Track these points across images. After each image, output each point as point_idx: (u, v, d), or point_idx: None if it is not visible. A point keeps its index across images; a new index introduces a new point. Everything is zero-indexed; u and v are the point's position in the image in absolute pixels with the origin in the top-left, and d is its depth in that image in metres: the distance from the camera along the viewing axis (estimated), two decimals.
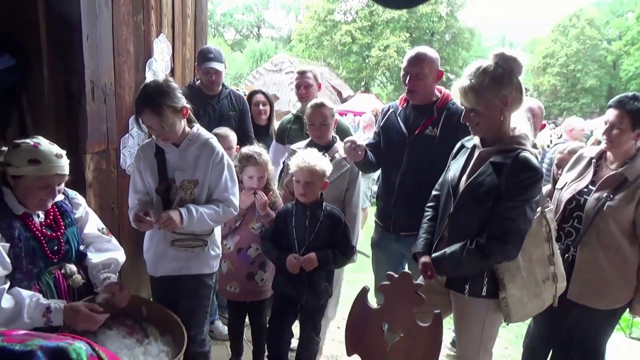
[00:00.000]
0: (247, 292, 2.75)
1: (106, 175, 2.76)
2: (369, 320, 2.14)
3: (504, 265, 1.99)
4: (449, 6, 33.83)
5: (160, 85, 2.18)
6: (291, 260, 2.45)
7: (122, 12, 2.74)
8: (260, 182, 2.72)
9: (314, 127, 2.88)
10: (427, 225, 2.28)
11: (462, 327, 2.19)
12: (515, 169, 1.89)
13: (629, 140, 2.32)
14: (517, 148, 1.93)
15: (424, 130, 2.64)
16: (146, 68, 3.08)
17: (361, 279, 4.44)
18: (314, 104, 2.90)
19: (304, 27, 34.60)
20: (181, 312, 2.23)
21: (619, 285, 2.37)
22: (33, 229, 1.84)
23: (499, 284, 2.01)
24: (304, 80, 3.46)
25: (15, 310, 1.68)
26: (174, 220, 2.13)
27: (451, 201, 2.09)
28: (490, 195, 1.92)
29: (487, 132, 2.02)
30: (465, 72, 1.98)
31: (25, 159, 1.76)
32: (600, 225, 2.33)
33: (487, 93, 1.92)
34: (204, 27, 3.92)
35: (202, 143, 2.31)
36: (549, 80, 35.37)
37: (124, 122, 2.87)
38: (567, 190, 2.53)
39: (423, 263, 2.13)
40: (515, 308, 2.02)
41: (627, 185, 2.31)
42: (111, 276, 2.02)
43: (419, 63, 2.59)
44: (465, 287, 2.07)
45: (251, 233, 2.73)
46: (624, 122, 2.29)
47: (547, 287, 2.12)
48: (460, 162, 2.14)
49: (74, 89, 2.48)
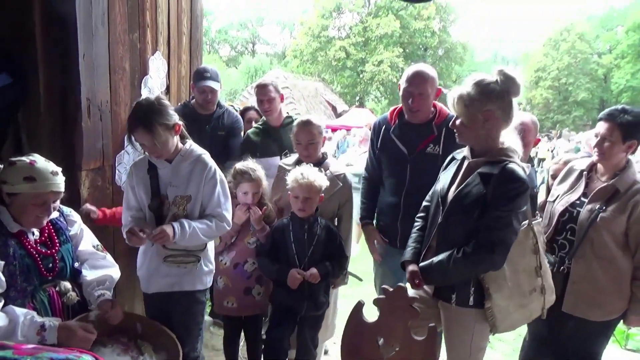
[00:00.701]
0: (244, 307, 2.74)
1: (101, 191, 2.77)
2: (365, 334, 2.14)
3: (491, 275, 2.01)
4: (442, 21, 34.32)
5: (152, 103, 2.20)
6: (294, 275, 2.47)
7: (118, 31, 2.77)
8: (255, 198, 2.71)
9: (301, 146, 2.78)
10: (416, 235, 2.30)
11: (451, 337, 2.19)
12: (501, 180, 1.92)
13: (619, 153, 2.35)
14: (504, 160, 1.96)
15: (425, 148, 2.63)
16: (142, 85, 3.10)
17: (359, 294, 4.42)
18: (301, 122, 2.80)
19: (299, 43, 34.91)
20: (175, 328, 2.22)
21: (613, 296, 2.38)
22: (28, 246, 1.84)
23: (485, 294, 2.02)
24: (266, 94, 3.28)
25: (9, 328, 1.67)
26: (167, 233, 2.14)
27: (440, 211, 2.11)
28: (477, 205, 1.95)
29: (471, 142, 2.07)
30: (465, 82, 2.02)
31: (21, 177, 1.77)
32: (594, 237, 2.35)
33: (473, 105, 1.96)
34: (200, 44, 3.96)
35: (194, 159, 2.32)
36: (542, 93, 35.75)
37: (120, 139, 2.88)
38: (559, 203, 2.55)
39: (411, 272, 2.13)
40: (501, 318, 2.03)
41: (618, 196, 2.34)
42: (106, 293, 2.01)
43: (422, 83, 2.58)
44: (452, 297, 2.08)
45: (247, 248, 2.73)
46: (614, 134, 2.32)
47: (533, 299, 2.12)
48: (450, 173, 2.17)
49: (70, 107, 2.49)
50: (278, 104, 3.34)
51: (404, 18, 32.16)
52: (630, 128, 2.30)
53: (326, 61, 33.14)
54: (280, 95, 3.35)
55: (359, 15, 34.55)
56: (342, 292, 4.61)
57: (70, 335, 1.75)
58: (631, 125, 2.30)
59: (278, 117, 3.36)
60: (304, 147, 2.77)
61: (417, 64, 2.75)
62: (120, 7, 2.78)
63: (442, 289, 2.14)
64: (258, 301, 2.75)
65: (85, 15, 2.46)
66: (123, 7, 2.81)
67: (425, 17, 32.28)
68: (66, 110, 2.50)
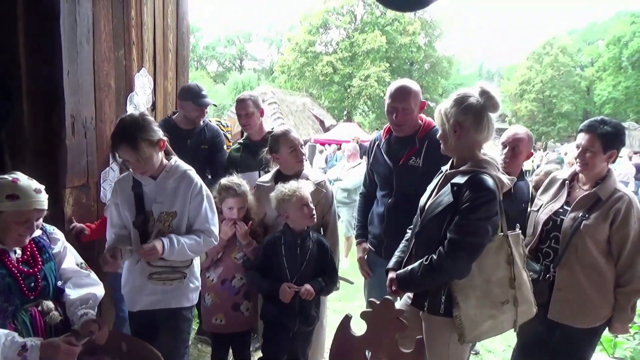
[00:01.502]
0: (233, 324, 2.71)
1: (86, 209, 2.75)
2: (353, 347, 2.14)
3: (459, 284, 2.02)
4: (427, 37, 34.83)
5: (136, 119, 2.20)
6: (285, 290, 2.46)
7: (103, 48, 2.78)
8: (240, 213, 2.71)
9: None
10: (402, 245, 2.36)
11: (430, 346, 2.17)
12: (467, 188, 1.97)
13: (601, 162, 2.41)
14: (476, 170, 2.02)
15: (408, 160, 2.69)
16: (128, 102, 3.10)
17: (348, 308, 4.41)
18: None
19: (286, 58, 35.16)
20: (161, 346, 2.18)
21: (598, 303, 2.41)
22: (9, 265, 1.81)
23: (453, 302, 2.03)
24: (244, 109, 3.30)
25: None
26: (157, 249, 2.13)
27: (419, 221, 2.18)
28: (447, 214, 2.01)
29: (451, 153, 2.14)
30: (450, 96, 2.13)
31: (4, 195, 1.75)
32: (579, 244, 2.39)
33: (446, 116, 2.07)
34: (186, 60, 3.98)
35: (180, 175, 2.32)
36: (526, 106, 36.34)
37: (105, 155, 2.87)
38: (543, 212, 2.59)
39: (389, 279, 2.19)
40: (468, 327, 2.02)
41: (600, 204, 2.39)
42: (89, 312, 1.98)
43: (405, 98, 2.63)
44: (425, 305, 2.11)
45: (234, 263, 2.71)
46: (595, 145, 2.37)
47: (505, 310, 2.09)
48: (432, 185, 2.24)
49: (54, 124, 2.48)
50: (257, 118, 3.35)
51: (389, 33, 32.61)
52: (610, 138, 2.37)
53: (314, 76, 33.39)
54: (260, 110, 3.37)
55: (345, 31, 34.96)
56: (333, 306, 4.61)
57: (54, 352, 1.72)
58: (611, 136, 2.36)
59: (259, 131, 3.38)
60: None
61: (400, 80, 2.80)
62: (106, 25, 2.79)
63: (418, 296, 2.17)
64: (247, 317, 2.73)
65: (69, 33, 2.47)
66: (108, 25, 2.82)
67: (410, 33, 32.77)
68: (50, 128, 2.49)
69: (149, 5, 3.31)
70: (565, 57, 36.11)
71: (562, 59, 35.82)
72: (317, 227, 2.85)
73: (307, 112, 24.18)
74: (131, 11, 3.07)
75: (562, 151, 14.07)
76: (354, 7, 34.41)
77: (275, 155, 2.84)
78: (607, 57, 35.48)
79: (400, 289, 2.14)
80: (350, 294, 4.56)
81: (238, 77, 41.74)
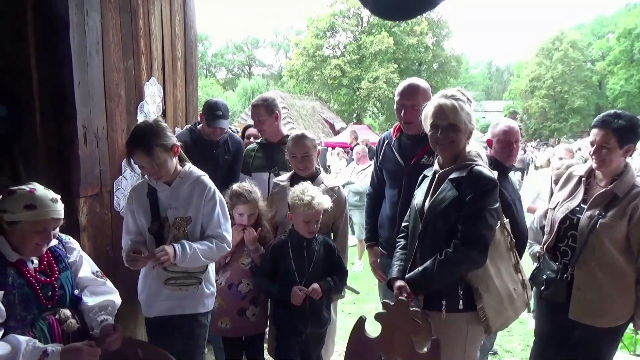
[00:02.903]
0: (238, 328, 2.72)
1: (100, 218, 2.77)
2: (367, 349, 2.12)
3: (477, 275, 2.03)
4: (435, 36, 34.74)
5: (150, 125, 2.23)
6: (297, 293, 2.47)
7: (112, 59, 2.81)
8: (250, 219, 2.73)
9: (296, 159, 2.85)
10: (399, 254, 2.34)
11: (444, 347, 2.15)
12: (470, 180, 2.01)
13: (618, 158, 2.35)
14: (470, 164, 2.07)
15: (420, 159, 2.68)
16: (138, 111, 3.13)
17: (362, 311, 4.39)
18: (295, 136, 2.88)
19: (294, 63, 35.29)
20: (177, 353, 2.20)
21: (619, 301, 2.36)
22: (27, 275, 1.84)
23: (475, 295, 2.04)
24: (256, 115, 3.34)
25: (10, 356, 1.66)
26: (169, 252, 2.14)
27: (419, 224, 2.16)
28: (453, 208, 2.03)
29: (454, 151, 2.14)
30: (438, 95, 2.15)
31: (21, 205, 1.78)
32: (596, 243, 2.35)
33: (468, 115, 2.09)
34: (194, 68, 4.01)
35: (194, 180, 2.34)
36: (537, 102, 36.03)
37: (117, 164, 2.89)
38: (559, 210, 2.55)
39: (398, 287, 2.15)
40: (493, 317, 2.04)
41: (617, 201, 2.34)
42: (108, 318, 2.00)
43: (413, 95, 2.65)
44: (442, 304, 2.08)
45: (241, 269, 2.72)
46: (610, 141, 2.31)
47: (518, 295, 2.16)
48: (424, 188, 2.25)
49: (66, 135, 2.51)
50: (272, 122, 3.35)
51: (397, 34, 32.58)
52: (626, 132, 2.30)
53: (322, 80, 33.47)
54: (275, 114, 3.35)
55: (352, 34, 35.02)
56: (345, 309, 4.60)
57: (74, 357, 1.75)
58: (626, 130, 2.30)
59: (275, 134, 3.38)
60: (299, 160, 2.84)
61: (409, 78, 2.82)
62: (114, 35, 2.83)
63: (431, 298, 2.13)
64: (252, 322, 2.72)
65: (79, 45, 2.50)
66: (117, 35, 2.85)
67: (418, 33, 32.72)
68: (62, 139, 2.52)
69: (157, 15, 3.34)
70: (575, 51, 35.77)
71: (572, 53, 35.48)
72: (327, 232, 2.86)
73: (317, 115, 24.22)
74: (139, 21, 3.10)
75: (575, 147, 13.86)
76: (360, 10, 34.43)
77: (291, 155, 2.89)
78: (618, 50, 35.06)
79: (414, 292, 2.11)
80: (362, 296, 4.54)
81: (247, 83, 42.01)
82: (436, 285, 2.08)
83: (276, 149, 3.26)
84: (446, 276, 2.04)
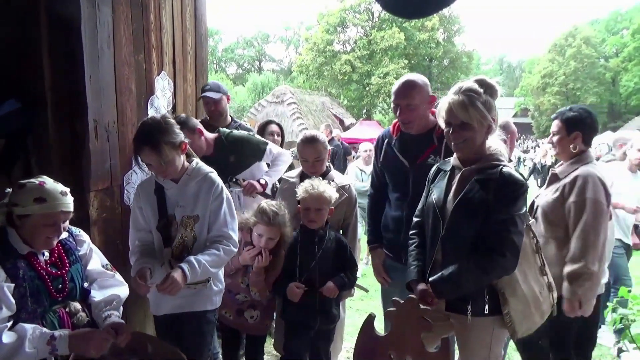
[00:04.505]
0: (239, 324, 2.71)
1: (110, 211, 2.78)
2: (377, 347, 2.12)
3: (504, 280, 1.99)
4: (446, 32, 34.46)
5: (157, 121, 2.20)
6: (293, 289, 2.47)
7: (123, 53, 2.82)
8: (269, 243, 2.54)
9: (308, 163, 2.79)
10: (415, 253, 2.24)
11: (468, 350, 2.15)
12: (501, 183, 1.94)
13: (568, 144, 2.62)
14: (497, 164, 2.00)
15: (426, 159, 2.54)
16: (148, 105, 3.14)
17: (370, 307, 4.39)
18: (305, 138, 2.80)
19: (304, 58, 35.16)
20: (185, 349, 2.18)
21: None
22: (38, 268, 1.85)
23: (501, 299, 2.00)
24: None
25: (17, 343, 1.68)
26: (178, 282, 2.05)
27: (440, 224, 2.08)
28: (481, 211, 1.95)
29: (471, 150, 2.05)
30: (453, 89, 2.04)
31: (31, 198, 1.79)
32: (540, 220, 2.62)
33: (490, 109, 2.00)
34: (205, 63, 4.01)
35: (201, 177, 2.31)
36: (549, 99, 35.63)
37: (128, 158, 2.90)
38: None
39: (421, 290, 2.08)
40: (519, 322, 2.00)
41: (555, 182, 2.62)
42: (113, 313, 2.00)
43: (407, 93, 2.51)
44: (468, 308, 2.03)
45: (240, 285, 2.68)
46: (560, 129, 2.64)
47: (544, 298, 2.11)
48: (443, 185, 2.14)
49: (78, 129, 2.52)
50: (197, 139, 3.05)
51: (408, 30, 32.33)
52: (573, 121, 2.61)
53: (332, 75, 33.34)
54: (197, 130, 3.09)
55: (363, 29, 34.81)
56: (353, 305, 4.59)
57: (85, 339, 1.79)
58: (574, 119, 2.61)
59: (201, 148, 3.14)
60: (310, 164, 2.79)
61: (405, 75, 2.68)
62: (125, 30, 2.83)
63: (456, 301, 2.08)
64: (252, 324, 2.69)
65: (90, 39, 2.50)
66: (128, 29, 2.85)
67: (429, 29, 32.44)
68: (74, 133, 2.53)
69: (168, 9, 3.34)
70: (588, 48, 35.29)
71: (585, 50, 35.01)
72: (338, 229, 2.84)
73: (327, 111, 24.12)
74: (150, 15, 3.10)
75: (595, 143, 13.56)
76: (371, 5, 34.22)
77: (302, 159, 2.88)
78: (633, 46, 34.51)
79: (439, 296, 2.05)
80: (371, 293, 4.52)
81: (257, 78, 41.98)
82: (463, 291, 2.02)
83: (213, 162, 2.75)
84: (474, 283, 1.98)
